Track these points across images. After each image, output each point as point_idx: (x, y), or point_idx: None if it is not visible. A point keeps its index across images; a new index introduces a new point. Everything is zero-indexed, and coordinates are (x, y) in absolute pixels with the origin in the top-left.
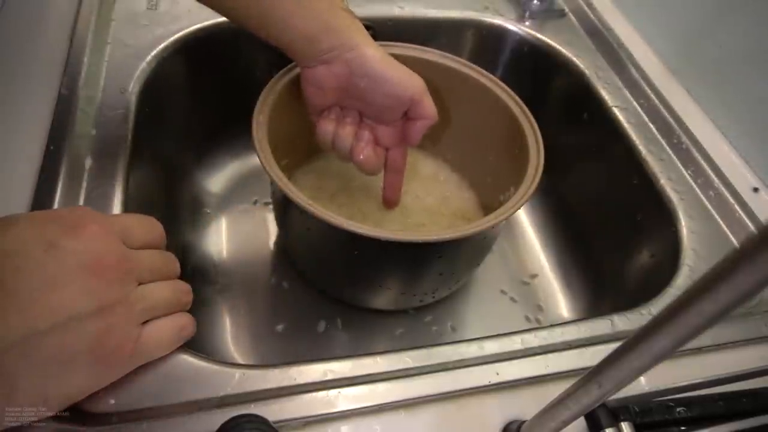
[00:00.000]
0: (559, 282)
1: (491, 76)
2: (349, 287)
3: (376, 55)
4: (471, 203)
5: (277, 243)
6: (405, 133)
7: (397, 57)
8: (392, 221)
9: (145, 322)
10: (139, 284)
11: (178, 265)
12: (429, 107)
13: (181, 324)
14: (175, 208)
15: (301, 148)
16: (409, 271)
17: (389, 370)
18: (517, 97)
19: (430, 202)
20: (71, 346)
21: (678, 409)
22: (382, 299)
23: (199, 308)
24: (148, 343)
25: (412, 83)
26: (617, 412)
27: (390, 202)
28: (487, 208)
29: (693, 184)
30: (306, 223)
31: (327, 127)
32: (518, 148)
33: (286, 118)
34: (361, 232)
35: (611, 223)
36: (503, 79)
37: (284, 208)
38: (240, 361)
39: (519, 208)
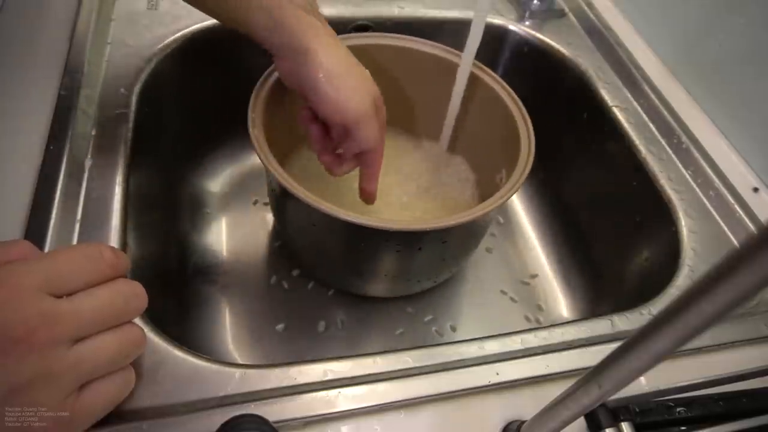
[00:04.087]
0: (559, 282)
1: (489, 70)
2: (347, 275)
3: (324, 65)
4: (472, 199)
5: (277, 243)
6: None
7: (388, 47)
8: (391, 214)
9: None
10: (78, 341)
11: (142, 299)
12: (362, 137)
13: (123, 382)
14: (175, 208)
15: (300, 144)
16: (406, 258)
17: (389, 370)
18: (512, 92)
19: (428, 198)
20: None
21: (678, 409)
22: (381, 286)
23: (199, 308)
24: (80, 416)
25: (349, 107)
26: (617, 412)
27: (365, 193)
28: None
29: (693, 184)
30: (303, 213)
31: (304, 119)
32: (511, 141)
33: (281, 114)
34: (356, 221)
35: (611, 223)
36: (503, 79)
37: (280, 199)
38: (240, 361)
39: (510, 196)
